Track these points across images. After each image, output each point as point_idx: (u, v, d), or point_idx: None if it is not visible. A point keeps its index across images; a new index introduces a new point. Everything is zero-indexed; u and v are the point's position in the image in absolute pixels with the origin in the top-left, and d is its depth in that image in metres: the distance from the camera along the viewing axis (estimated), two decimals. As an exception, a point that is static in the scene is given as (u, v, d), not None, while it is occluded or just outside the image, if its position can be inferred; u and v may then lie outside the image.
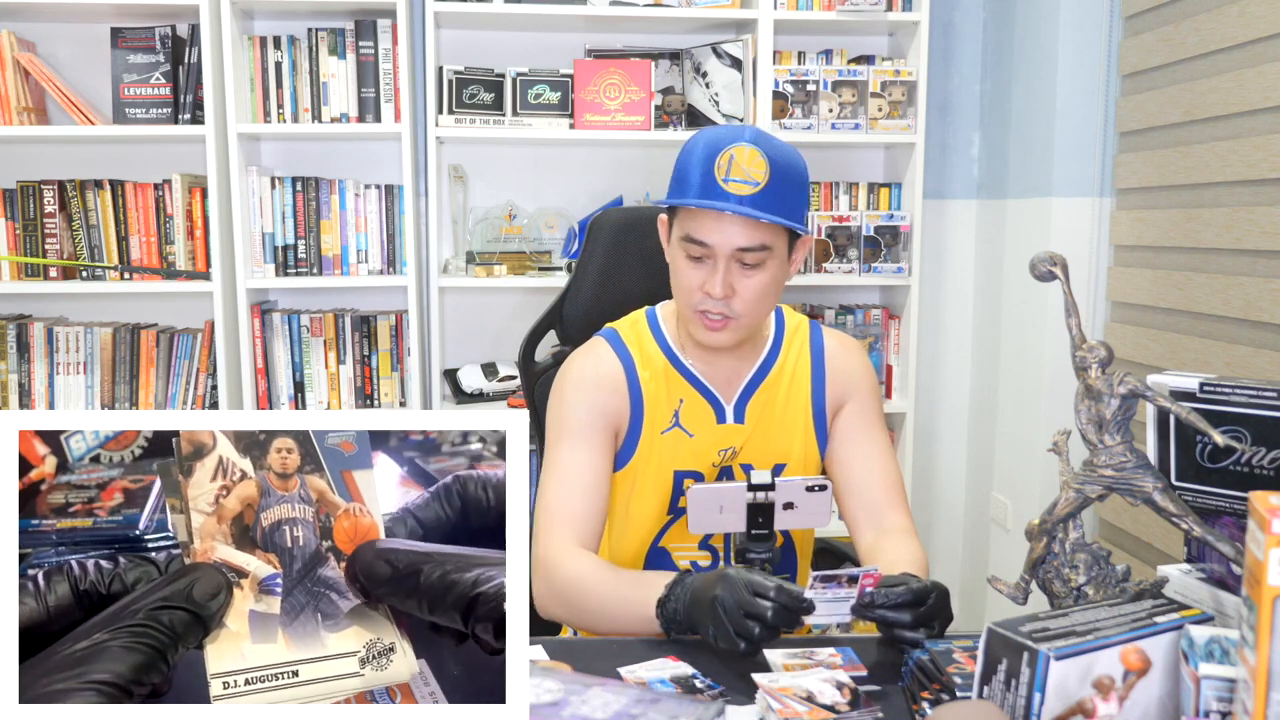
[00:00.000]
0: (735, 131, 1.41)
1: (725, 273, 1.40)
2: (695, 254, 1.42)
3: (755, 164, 1.37)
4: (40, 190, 2.72)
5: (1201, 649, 0.90)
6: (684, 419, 1.52)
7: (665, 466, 1.52)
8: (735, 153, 1.38)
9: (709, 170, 1.39)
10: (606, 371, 1.51)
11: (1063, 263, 1.13)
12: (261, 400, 2.83)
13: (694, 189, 1.40)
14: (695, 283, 1.43)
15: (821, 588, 1.18)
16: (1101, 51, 2.67)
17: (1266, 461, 1.02)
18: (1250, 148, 2.14)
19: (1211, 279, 2.27)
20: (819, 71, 2.83)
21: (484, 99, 2.77)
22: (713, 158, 1.39)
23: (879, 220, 2.91)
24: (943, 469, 3.24)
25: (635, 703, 1.02)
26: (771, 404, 1.54)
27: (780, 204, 1.39)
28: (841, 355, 1.58)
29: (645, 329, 1.56)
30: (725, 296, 1.41)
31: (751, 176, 1.37)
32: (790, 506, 1.37)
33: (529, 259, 2.89)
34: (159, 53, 2.68)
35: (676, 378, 1.53)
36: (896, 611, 1.21)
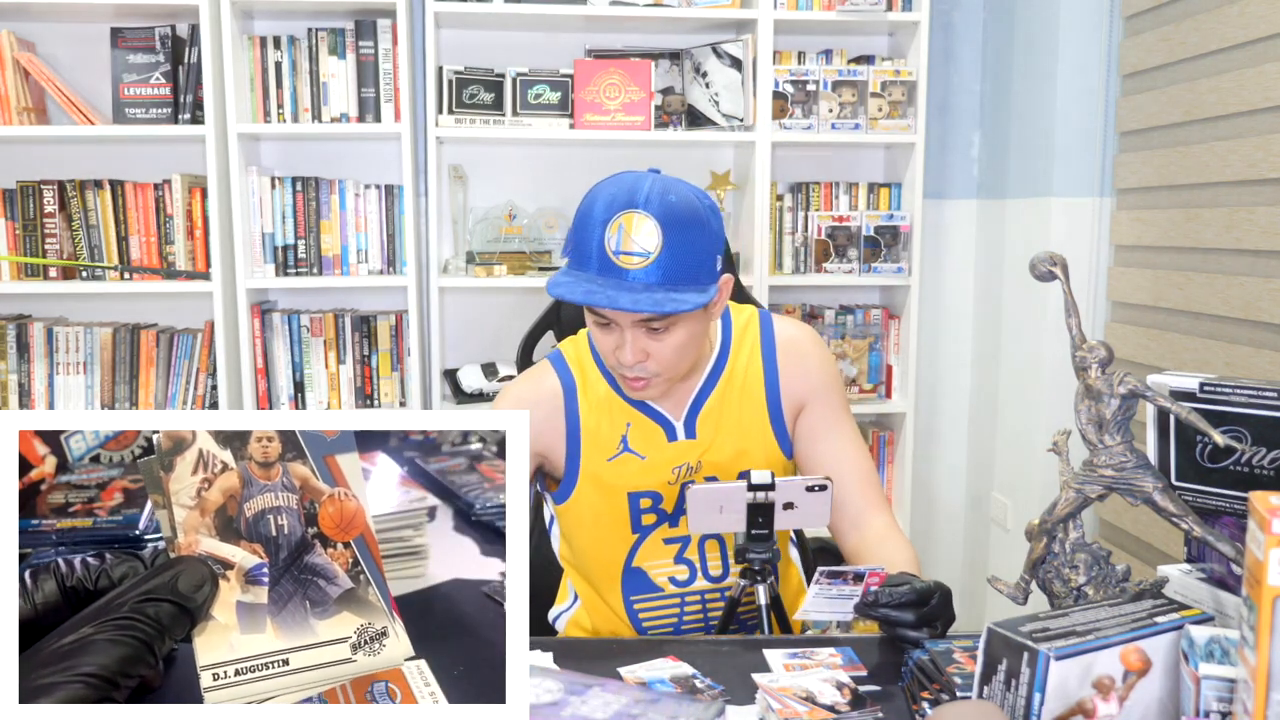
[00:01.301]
0: (627, 193, 1.33)
1: (634, 341, 1.35)
2: (600, 323, 1.37)
3: (646, 232, 1.30)
4: (40, 190, 2.72)
5: (1201, 649, 0.90)
6: (633, 442, 1.48)
7: (617, 491, 1.48)
8: (624, 221, 1.30)
9: (600, 241, 1.31)
10: (544, 396, 1.48)
11: (1063, 263, 1.13)
12: (261, 400, 2.83)
13: (583, 261, 1.33)
14: (607, 348, 1.38)
15: (827, 583, 1.18)
16: (1101, 51, 2.67)
17: (1266, 461, 1.02)
18: (1250, 148, 2.14)
19: (1211, 279, 2.27)
20: (819, 71, 2.83)
21: (484, 99, 2.77)
22: (603, 225, 1.32)
23: (879, 220, 2.91)
24: (943, 469, 3.24)
25: (635, 703, 1.02)
26: (724, 413, 1.49)
27: (676, 269, 1.31)
28: (793, 349, 1.52)
29: (587, 351, 1.52)
30: (639, 361, 1.37)
31: (642, 246, 1.30)
32: (790, 506, 1.37)
33: (529, 259, 2.89)
34: (159, 53, 2.68)
35: (620, 404, 1.48)
36: (900, 611, 1.21)
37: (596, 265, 1.32)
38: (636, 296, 1.29)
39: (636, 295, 1.29)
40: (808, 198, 2.95)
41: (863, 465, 1.52)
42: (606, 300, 1.29)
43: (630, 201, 1.32)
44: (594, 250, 1.32)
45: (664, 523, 1.50)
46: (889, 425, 3.05)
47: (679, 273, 1.32)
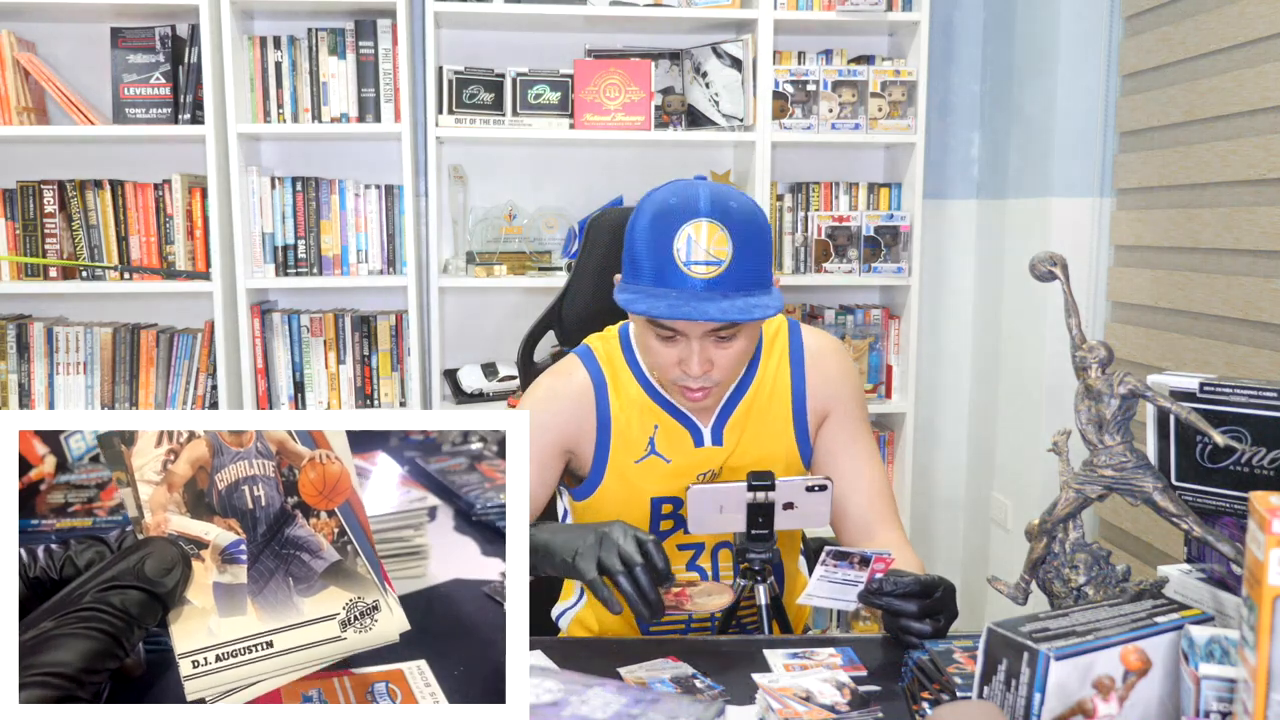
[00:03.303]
0: (689, 202, 1.31)
1: (701, 351, 1.34)
2: (664, 335, 1.35)
3: (716, 242, 1.29)
4: (40, 190, 2.72)
5: (1201, 649, 0.90)
6: (660, 445, 1.47)
7: (642, 494, 1.48)
8: (692, 231, 1.29)
9: (669, 253, 1.30)
10: (574, 391, 1.47)
11: (1063, 263, 1.13)
12: (261, 400, 2.83)
13: (651, 275, 1.31)
14: (670, 360, 1.37)
15: (834, 565, 1.17)
16: (1101, 51, 2.67)
17: (1266, 461, 1.02)
18: (1250, 148, 2.14)
19: (1211, 279, 2.27)
20: (819, 71, 2.83)
21: (484, 99, 2.77)
22: (669, 236, 1.30)
23: (879, 220, 2.91)
24: (943, 469, 3.24)
25: (635, 703, 1.02)
26: (750, 421, 1.49)
27: (746, 275, 1.31)
28: (821, 360, 1.52)
29: (618, 350, 1.51)
30: (706, 372, 1.36)
31: (714, 256, 1.29)
32: (790, 506, 1.37)
33: (529, 259, 2.89)
34: (159, 53, 2.68)
35: (649, 405, 1.48)
36: (904, 600, 1.21)
37: (668, 278, 1.30)
38: (721, 306, 1.29)
39: (720, 305, 1.29)
40: (808, 198, 2.95)
41: (878, 481, 1.52)
42: (697, 313, 1.28)
43: (694, 211, 1.30)
44: (663, 263, 1.31)
45: (680, 528, 1.50)
46: (889, 425, 3.05)
47: (749, 278, 1.32)
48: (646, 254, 1.32)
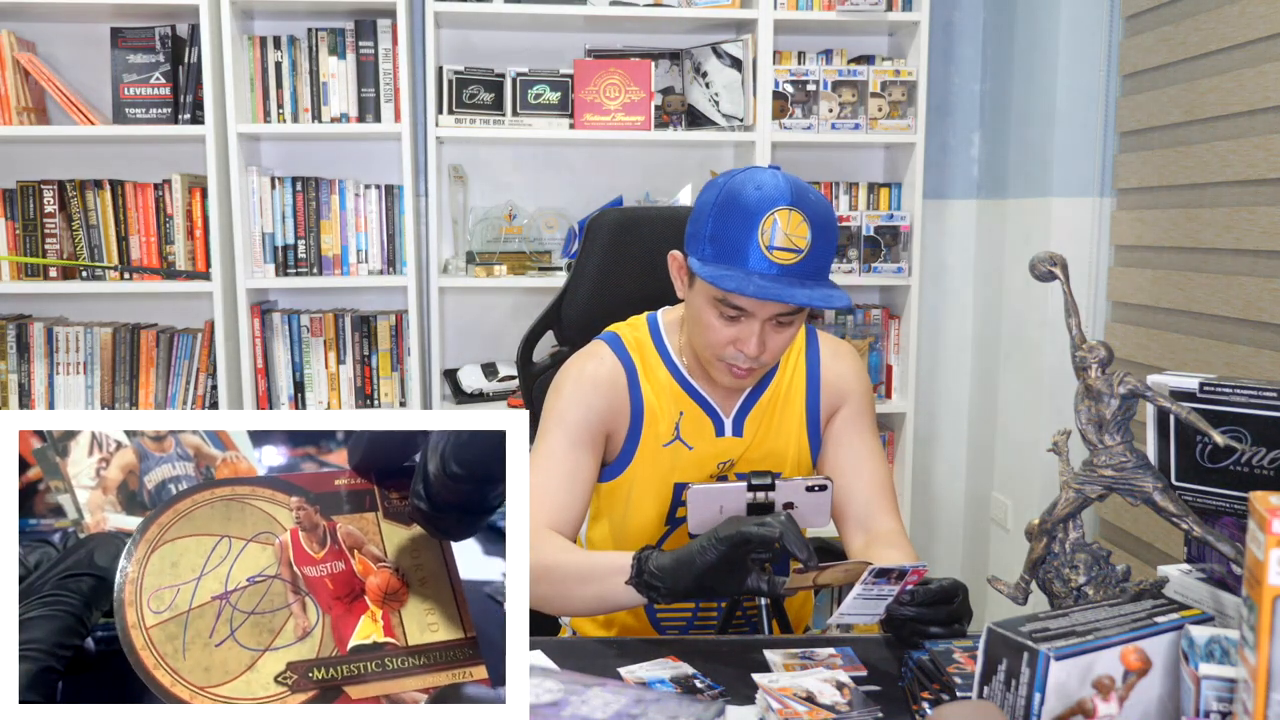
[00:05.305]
0: (777, 189, 1.35)
1: (761, 333, 1.38)
2: (729, 314, 1.38)
3: (798, 229, 1.33)
4: (40, 190, 2.72)
5: (1201, 649, 0.90)
6: (684, 432, 1.51)
7: (666, 479, 1.51)
8: (779, 218, 1.33)
9: (754, 236, 1.33)
10: (608, 374, 1.50)
11: (1063, 263, 1.13)
12: (261, 400, 2.83)
13: (732, 254, 1.34)
14: (726, 338, 1.39)
15: (872, 583, 1.15)
16: (1101, 51, 2.67)
17: (1266, 461, 1.02)
18: (1250, 148, 2.14)
19: (1211, 279, 2.27)
20: (819, 71, 2.83)
21: (484, 99, 2.77)
22: (754, 220, 1.33)
23: (879, 220, 2.91)
24: (943, 469, 3.24)
25: (635, 703, 1.02)
26: (769, 416, 1.53)
27: (820, 265, 1.36)
28: (835, 363, 1.57)
29: (647, 337, 1.55)
30: (759, 354, 1.39)
31: (795, 244, 1.33)
32: (790, 506, 1.37)
33: (529, 259, 2.89)
34: (159, 53, 2.68)
35: (676, 391, 1.51)
36: (933, 609, 1.20)
37: (750, 259, 1.33)
38: (810, 293, 1.33)
39: (809, 291, 1.33)
40: (808, 198, 2.95)
41: (880, 472, 1.54)
42: (785, 296, 1.31)
43: (779, 198, 1.34)
44: (748, 245, 1.33)
45: None
46: (889, 425, 3.05)
47: (823, 267, 1.37)
48: (729, 236, 1.35)
